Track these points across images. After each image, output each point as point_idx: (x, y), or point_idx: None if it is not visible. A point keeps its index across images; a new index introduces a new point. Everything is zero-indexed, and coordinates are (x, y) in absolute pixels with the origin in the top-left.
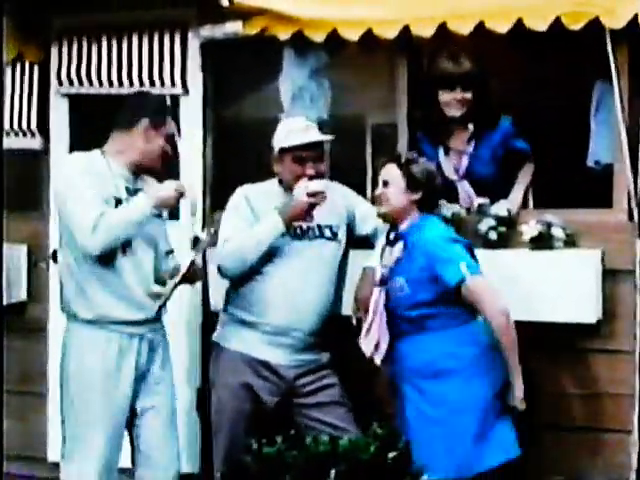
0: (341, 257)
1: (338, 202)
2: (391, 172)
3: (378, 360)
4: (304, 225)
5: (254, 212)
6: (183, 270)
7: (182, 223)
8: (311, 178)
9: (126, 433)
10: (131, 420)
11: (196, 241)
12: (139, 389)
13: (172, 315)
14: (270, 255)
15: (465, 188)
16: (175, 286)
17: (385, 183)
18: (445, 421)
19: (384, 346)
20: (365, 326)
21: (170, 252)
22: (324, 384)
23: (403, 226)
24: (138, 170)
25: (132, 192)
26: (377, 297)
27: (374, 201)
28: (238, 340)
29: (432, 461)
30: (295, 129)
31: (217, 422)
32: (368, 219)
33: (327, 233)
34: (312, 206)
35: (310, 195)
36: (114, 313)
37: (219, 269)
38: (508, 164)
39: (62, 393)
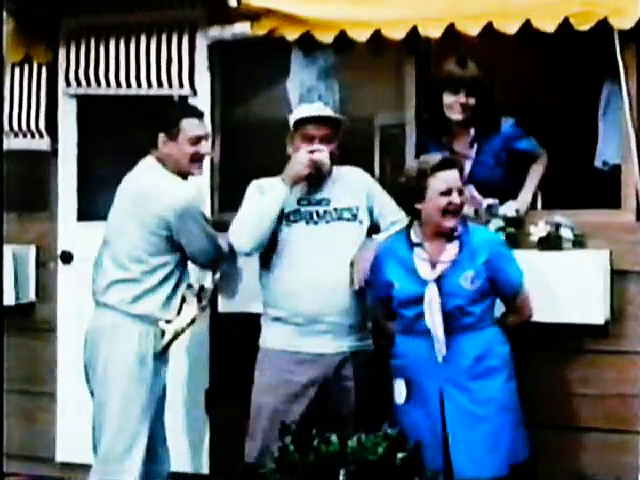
0: (365, 238)
1: (357, 186)
2: (458, 180)
3: (440, 357)
4: (320, 210)
5: (262, 192)
6: (183, 325)
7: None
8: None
9: None
10: None
11: (201, 290)
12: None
13: None
14: (288, 245)
15: (471, 192)
16: (177, 335)
17: (461, 192)
18: (492, 419)
19: (443, 341)
20: (433, 327)
21: None
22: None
23: (458, 227)
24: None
25: None
26: (432, 294)
27: (453, 210)
28: (275, 338)
29: (476, 461)
30: (308, 108)
31: (256, 421)
32: (386, 213)
33: (346, 215)
34: (313, 164)
35: (310, 152)
36: (156, 314)
37: (237, 249)
38: (515, 165)
39: (99, 390)
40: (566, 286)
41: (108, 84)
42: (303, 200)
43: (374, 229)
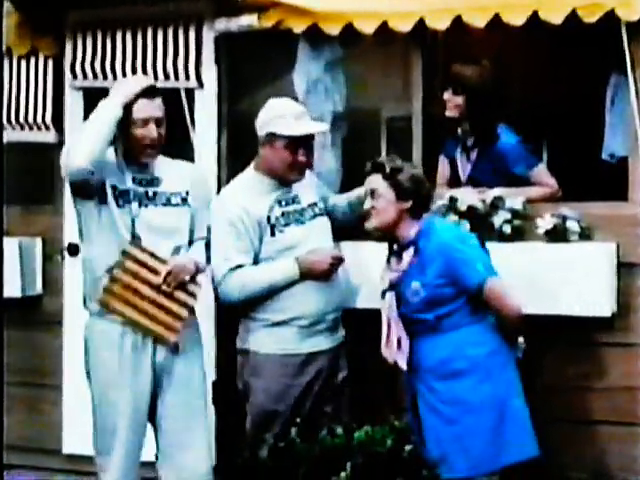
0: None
1: (313, 181)
2: (377, 183)
3: (403, 364)
4: (298, 208)
5: (251, 219)
6: None
7: None
8: (301, 167)
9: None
10: (153, 416)
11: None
12: (160, 385)
13: None
14: (286, 249)
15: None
16: None
17: (372, 194)
18: (459, 421)
19: (406, 349)
20: (384, 333)
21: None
22: (342, 371)
23: (410, 233)
24: (138, 160)
25: (140, 182)
26: (389, 302)
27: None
28: (273, 343)
29: (446, 459)
30: (296, 114)
31: (259, 423)
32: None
33: (316, 210)
34: (332, 268)
35: (334, 258)
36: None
37: (219, 295)
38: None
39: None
40: (572, 279)
41: (115, 77)
42: (280, 202)
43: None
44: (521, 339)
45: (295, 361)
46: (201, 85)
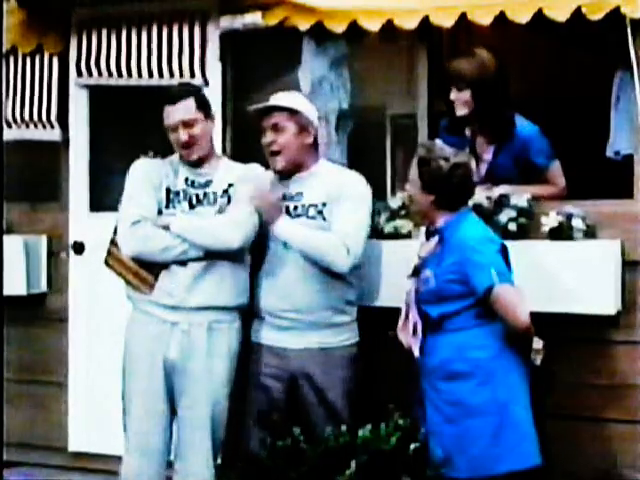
0: None
1: (333, 185)
2: (413, 170)
3: (416, 350)
4: (291, 205)
5: None
6: None
7: None
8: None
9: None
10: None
11: None
12: (174, 381)
13: None
14: (260, 240)
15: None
16: None
17: (410, 181)
18: (459, 422)
19: (420, 335)
20: (402, 317)
21: None
22: (326, 385)
23: (440, 221)
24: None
25: (193, 183)
26: (411, 288)
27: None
28: (252, 330)
29: (445, 458)
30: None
31: (248, 412)
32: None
33: (311, 212)
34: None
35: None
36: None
37: None
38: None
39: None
40: (577, 276)
41: (120, 74)
42: (285, 196)
43: None
44: (539, 345)
45: (260, 350)
46: (206, 83)
